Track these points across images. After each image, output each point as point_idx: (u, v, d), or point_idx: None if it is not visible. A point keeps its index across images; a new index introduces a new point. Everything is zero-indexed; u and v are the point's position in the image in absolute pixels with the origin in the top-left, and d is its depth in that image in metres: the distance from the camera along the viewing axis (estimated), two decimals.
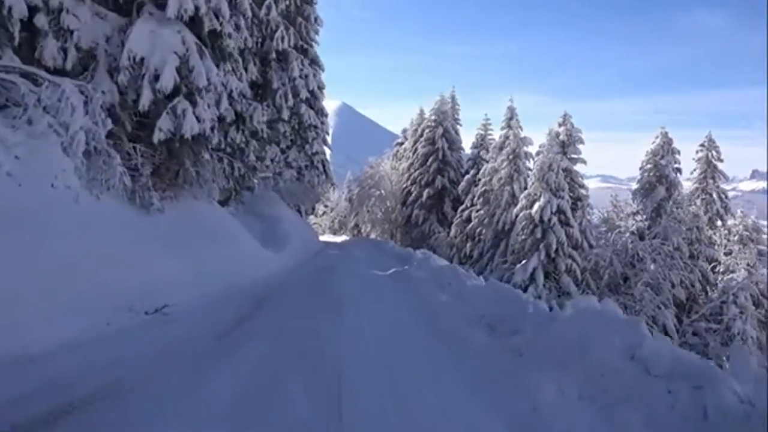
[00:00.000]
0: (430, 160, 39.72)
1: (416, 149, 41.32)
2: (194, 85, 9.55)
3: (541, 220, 24.21)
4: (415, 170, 40.81)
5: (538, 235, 24.24)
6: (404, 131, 49.26)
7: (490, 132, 37.61)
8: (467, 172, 39.40)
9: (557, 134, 28.45)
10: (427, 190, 39.25)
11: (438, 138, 39.56)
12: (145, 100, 9.04)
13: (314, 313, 8.40)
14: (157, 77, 9.11)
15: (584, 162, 27.78)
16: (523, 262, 24.91)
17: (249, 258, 13.84)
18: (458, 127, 41.16)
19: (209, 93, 10.25)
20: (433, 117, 40.26)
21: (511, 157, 28.28)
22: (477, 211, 34.91)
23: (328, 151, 39.95)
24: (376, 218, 44.88)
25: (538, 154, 28.99)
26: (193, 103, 9.68)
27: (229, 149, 17.44)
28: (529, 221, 24.72)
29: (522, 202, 25.31)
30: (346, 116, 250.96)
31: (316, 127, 30.16)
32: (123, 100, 9.31)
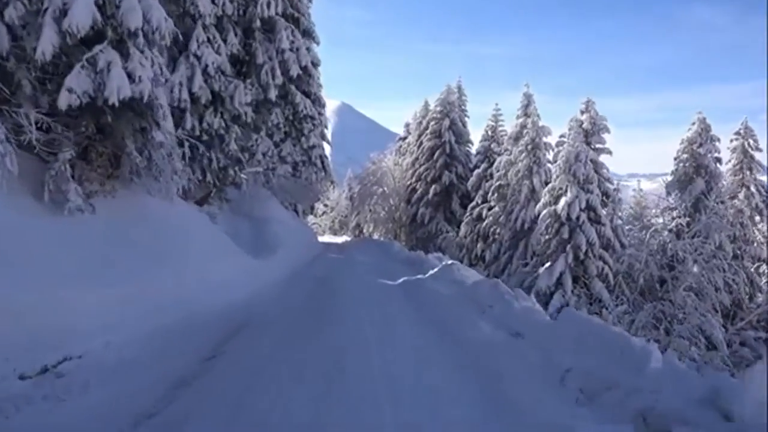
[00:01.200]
0: (437, 154, 36.57)
1: (421, 143, 38.17)
2: (125, 27, 6.45)
3: (569, 218, 21.06)
4: (421, 165, 37.65)
5: (565, 235, 21.09)
6: (407, 125, 46.12)
7: (501, 123, 34.49)
8: (477, 167, 36.25)
9: (580, 123, 25.31)
10: (433, 187, 36.10)
11: (445, 130, 36.40)
12: (46, 46, 5.92)
13: (302, 373, 5.23)
14: (65, 12, 6.01)
15: (610, 152, 24.64)
16: (547, 265, 21.76)
17: (225, 273, 10.70)
18: (466, 119, 37.99)
19: (149, 40, 7.10)
20: (438, 108, 37.09)
21: (529, 147, 25.12)
22: (490, 208, 31.77)
23: (327, 148, 36.86)
24: (378, 217, 41.73)
25: (559, 144, 25.88)
26: (124, 54, 6.56)
27: (205, 136, 14.30)
28: (554, 219, 21.58)
29: (545, 198, 22.16)
30: (346, 116, 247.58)
31: (312, 118, 26.99)
32: (18, 48, 6.21)
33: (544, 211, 21.83)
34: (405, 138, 45.26)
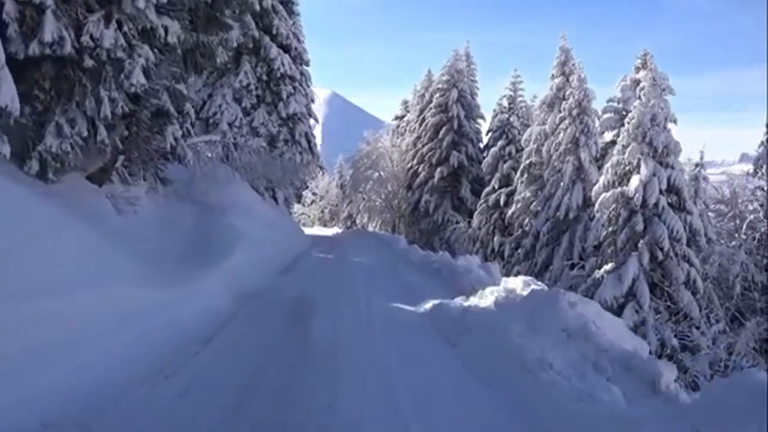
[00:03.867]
0: (443, 131, 30.26)
1: (424, 119, 31.82)
2: None
3: (644, 203, 14.90)
4: (424, 145, 31.33)
5: (639, 226, 14.92)
6: (405, 103, 39.73)
7: (521, 93, 28.22)
8: (491, 145, 30.06)
9: (635, 82, 19.13)
10: (439, 170, 29.83)
11: (452, 103, 30.08)
12: None
13: None
14: None
15: (674, 121, 18.44)
16: (607, 267, 15.60)
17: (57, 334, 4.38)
18: (476, 90, 31.65)
19: None
20: (445, 78, 30.73)
21: (574, 113, 18.84)
22: (510, 193, 25.58)
23: (319, 136, 30.75)
24: (374, 206, 35.39)
25: (607, 111, 19.69)
26: None
27: (90, 61, 7.84)
28: (622, 205, 15.39)
29: (606, 176, 15.94)
30: (337, 105, 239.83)
31: (292, 78, 20.64)
32: None
33: (606, 195, 15.62)
34: (403, 117, 38.90)
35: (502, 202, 26.47)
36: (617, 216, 15.43)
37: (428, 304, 8.77)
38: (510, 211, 22.21)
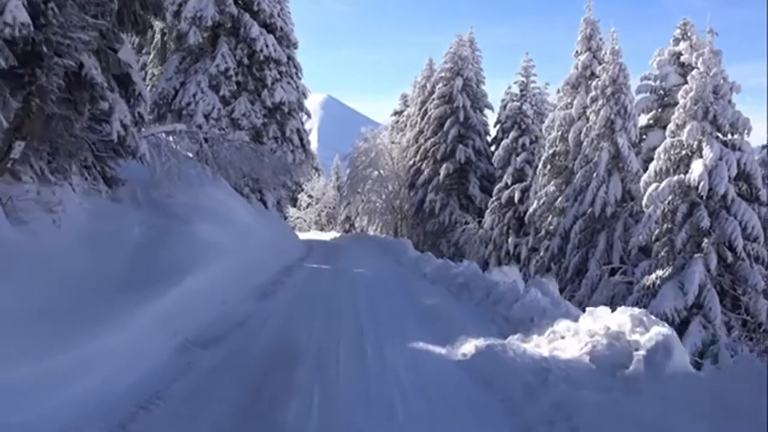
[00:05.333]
0: (448, 124, 27.29)
1: (426, 111, 28.85)
2: None
3: (709, 194, 11.97)
4: (427, 140, 28.36)
5: (703, 222, 11.97)
6: (404, 97, 36.81)
7: (533, 79, 25.27)
8: (500, 138, 27.15)
9: (675, 55, 16.28)
10: (444, 166, 26.84)
11: (457, 93, 27.12)
12: None
13: None
14: None
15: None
16: (661, 272, 12.65)
17: None
18: (483, 78, 28.68)
19: None
20: (448, 66, 27.77)
21: (608, 92, 15.84)
22: (525, 190, 22.70)
23: (315, 138, 28.00)
24: (373, 207, 32.35)
25: (641, 90, 16.80)
26: None
27: None
28: (680, 196, 12.46)
29: (658, 163, 12.98)
30: (333, 109, 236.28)
31: (278, 62, 17.65)
32: None
33: (660, 186, 12.66)
34: (402, 112, 35.97)
35: (516, 199, 23.58)
36: (674, 210, 12.47)
37: (467, 346, 5.82)
38: (531, 209, 19.22)
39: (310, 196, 48.21)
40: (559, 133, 17.81)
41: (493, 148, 28.48)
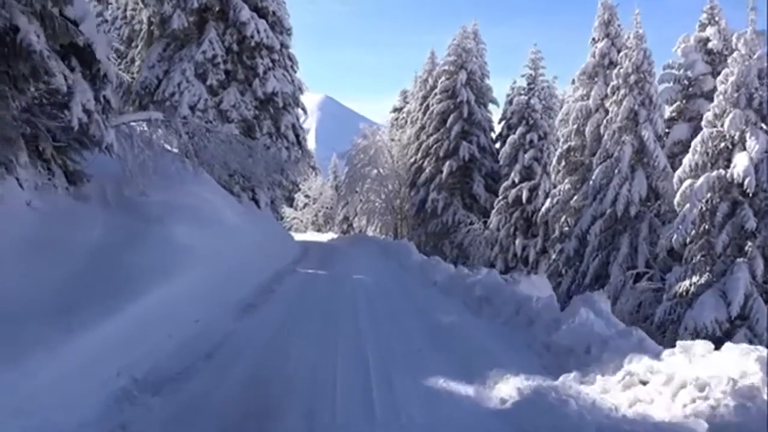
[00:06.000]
0: (451, 119, 25.80)
1: (428, 107, 27.38)
2: None
3: (755, 191, 10.53)
4: (429, 136, 26.88)
5: (749, 223, 10.53)
6: (404, 93, 35.37)
7: (542, 72, 23.82)
8: (505, 134, 25.73)
9: (702, 42, 14.89)
10: (447, 164, 25.35)
11: (460, 87, 25.65)
12: None
13: None
14: None
15: None
16: (698, 279, 11.22)
17: None
18: (487, 71, 27.20)
19: None
20: (451, 58, 26.30)
21: (631, 80, 14.38)
22: (533, 188, 21.32)
23: (312, 139, 26.90)
24: (373, 207, 30.83)
25: (665, 80, 15.41)
26: None
27: None
28: (720, 194, 11.02)
29: (694, 157, 11.54)
30: (331, 109, 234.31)
31: (270, 48, 16.16)
32: None
33: (696, 182, 11.21)
34: (401, 109, 34.52)
35: (524, 198, 22.16)
36: (713, 210, 11.04)
37: (504, 387, 4.40)
38: (543, 208, 17.77)
39: (307, 196, 46.73)
40: (575, 126, 16.36)
41: (497, 145, 27.09)
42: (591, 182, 14.95)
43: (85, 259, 6.53)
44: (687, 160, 11.54)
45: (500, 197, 23.12)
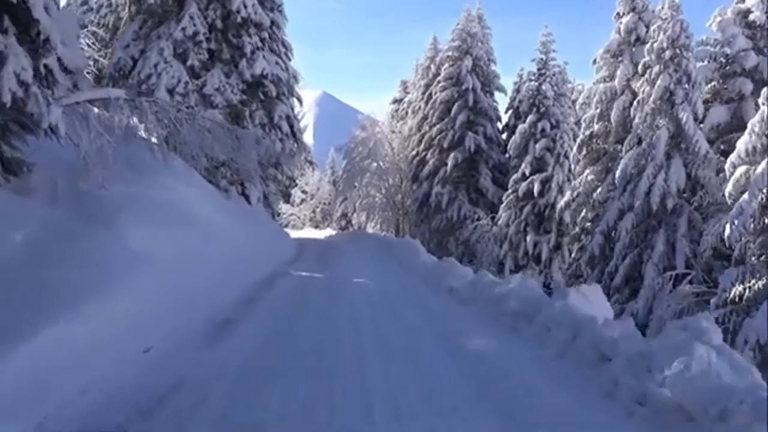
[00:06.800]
0: (455, 109, 24.05)
1: (430, 95, 25.62)
2: None
3: None
4: (432, 126, 25.12)
5: None
6: (404, 83, 33.61)
7: (553, 56, 22.06)
8: (511, 124, 24.10)
9: (741, 14, 13.17)
10: (452, 156, 23.61)
11: (466, 74, 23.89)
12: None
13: None
14: None
15: None
16: (756, 283, 9.50)
17: None
18: (493, 57, 25.44)
19: None
20: (455, 44, 24.53)
21: (667, 55, 12.61)
22: (545, 181, 19.64)
23: (310, 135, 24.73)
24: (372, 203, 29.10)
25: (703, 57, 13.69)
26: None
27: None
28: None
29: (749, 141, 9.80)
30: (329, 105, 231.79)
31: (258, 26, 14.39)
32: None
33: (756, 170, 9.48)
34: (401, 100, 32.75)
35: (535, 192, 20.47)
36: None
37: None
38: (561, 202, 16.05)
39: (304, 192, 44.98)
40: (598, 110, 14.62)
41: (504, 136, 25.39)
42: (618, 172, 13.20)
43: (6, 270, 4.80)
44: (742, 143, 9.81)
45: (509, 191, 21.43)
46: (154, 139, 10.04)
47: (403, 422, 3.56)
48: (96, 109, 8.74)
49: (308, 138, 40.90)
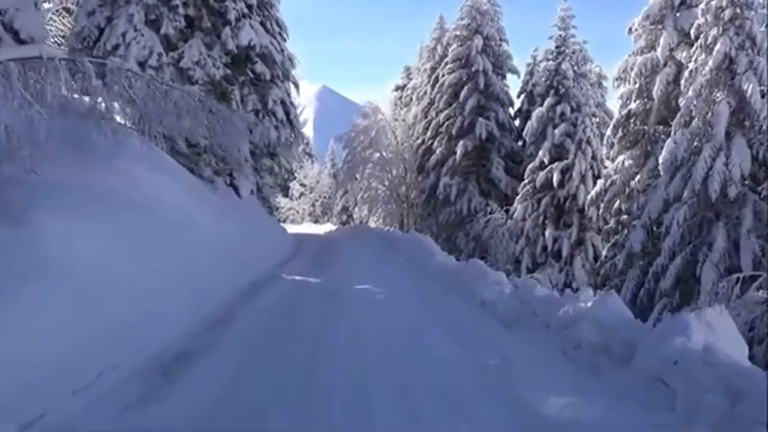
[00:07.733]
0: (464, 92, 21.99)
1: (437, 79, 23.55)
2: None
3: None
4: (439, 112, 23.07)
5: None
6: (407, 69, 31.54)
7: (573, 32, 19.96)
8: (526, 109, 22.07)
9: None
10: (461, 144, 21.58)
11: (476, 54, 21.84)
12: None
13: None
14: None
15: None
16: None
17: None
18: (505, 36, 23.35)
19: None
20: (464, 22, 22.46)
21: (726, 15, 10.52)
22: (564, 169, 17.65)
23: (310, 130, 23.06)
24: (375, 195, 27.06)
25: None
26: None
27: None
28: None
29: None
30: (329, 99, 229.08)
31: None
32: None
33: None
34: (404, 86, 30.65)
35: (554, 182, 18.42)
36: None
37: None
38: (592, 192, 14.01)
39: (302, 185, 42.95)
40: (637, 85, 12.57)
41: (516, 122, 23.38)
42: (664, 155, 11.16)
43: None
44: None
45: (526, 181, 19.38)
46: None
47: None
48: (21, 71, 6.70)
49: (308, 132, 38.95)
